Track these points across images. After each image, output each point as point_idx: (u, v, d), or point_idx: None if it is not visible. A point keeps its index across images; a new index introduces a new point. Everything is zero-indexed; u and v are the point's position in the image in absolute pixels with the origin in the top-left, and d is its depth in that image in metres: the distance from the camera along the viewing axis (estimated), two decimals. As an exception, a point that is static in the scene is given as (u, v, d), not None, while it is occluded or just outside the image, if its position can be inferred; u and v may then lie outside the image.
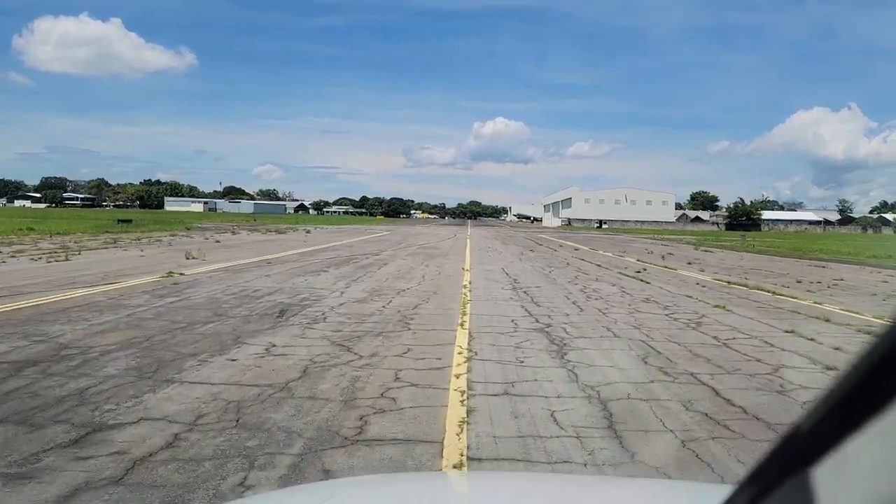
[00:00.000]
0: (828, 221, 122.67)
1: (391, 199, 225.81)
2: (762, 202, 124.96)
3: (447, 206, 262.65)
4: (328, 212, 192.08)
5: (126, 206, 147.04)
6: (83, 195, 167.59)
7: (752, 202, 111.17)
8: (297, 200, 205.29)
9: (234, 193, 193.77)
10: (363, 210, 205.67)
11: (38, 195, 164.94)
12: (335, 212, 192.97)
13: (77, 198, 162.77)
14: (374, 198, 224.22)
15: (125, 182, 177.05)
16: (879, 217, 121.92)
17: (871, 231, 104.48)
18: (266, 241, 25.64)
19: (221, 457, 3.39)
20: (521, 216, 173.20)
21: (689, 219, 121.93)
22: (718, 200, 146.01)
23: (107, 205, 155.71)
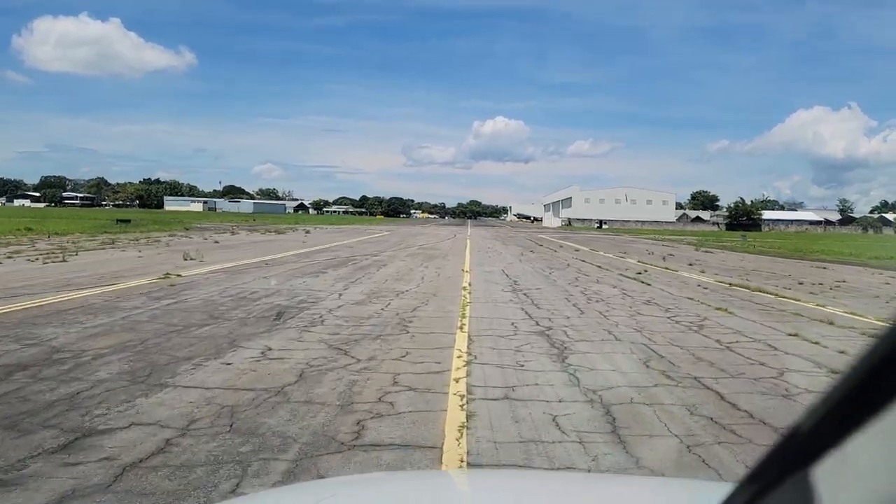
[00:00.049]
0: (828, 221, 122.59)
1: (391, 199, 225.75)
2: (762, 202, 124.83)
3: (447, 206, 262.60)
4: (328, 211, 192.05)
5: (125, 206, 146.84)
6: (82, 194, 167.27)
7: (753, 202, 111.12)
8: (297, 200, 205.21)
9: (234, 193, 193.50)
10: (363, 210, 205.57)
11: (38, 194, 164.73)
12: (335, 211, 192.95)
13: (76, 197, 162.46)
14: (374, 197, 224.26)
15: (125, 181, 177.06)
16: (880, 217, 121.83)
17: (872, 231, 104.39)
18: (265, 242, 25.55)
19: (214, 463, 3.30)
20: (521, 216, 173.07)
21: (690, 219, 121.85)
22: (719, 200, 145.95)
23: (106, 204, 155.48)
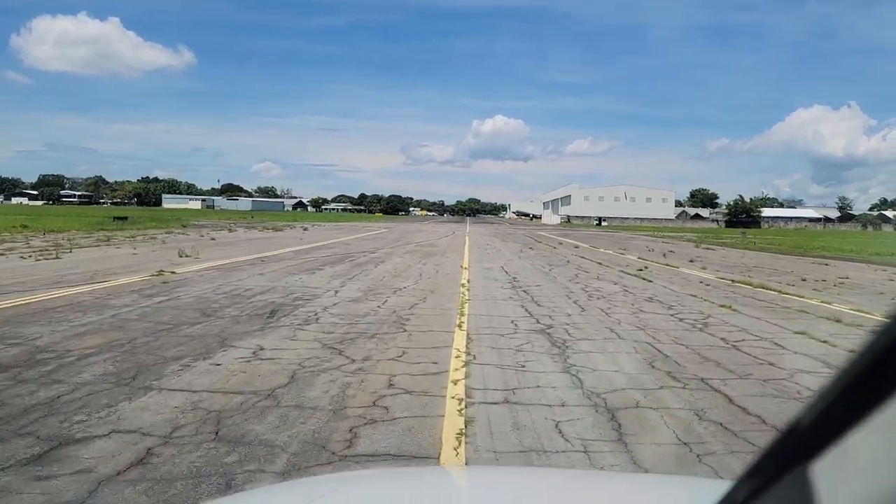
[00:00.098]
0: (828, 219, 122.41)
1: (390, 197, 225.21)
2: (762, 199, 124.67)
3: (446, 204, 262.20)
4: (326, 209, 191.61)
5: (123, 204, 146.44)
6: (80, 192, 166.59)
7: (752, 199, 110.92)
8: (296, 198, 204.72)
9: (233, 191, 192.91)
10: (362, 207, 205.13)
11: (36, 193, 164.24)
12: (333, 209, 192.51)
13: (74, 195, 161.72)
14: (373, 195, 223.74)
15: (123, 180, 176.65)
16: (879, 214, 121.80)
17: (872, 228, 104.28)
18: (262, 239, 25.32)
19: (195, 476, 3.10)
20: (520, 213, 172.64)
21: (689, 216, 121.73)
22: (718, 198, 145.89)
23: (104, 202, 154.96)
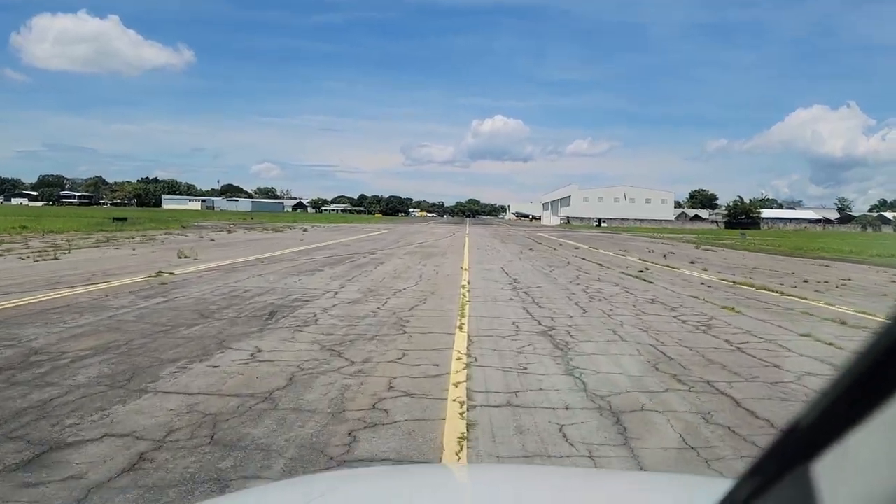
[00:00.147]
0: (827, 220, 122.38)
1: (389, 198, 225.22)
2: (761, 200, 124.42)
3: (446, 205, 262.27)
4: (326, 210, 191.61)
5: (123, 205, 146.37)
6: (80, 193, 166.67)
7: (752, 200, 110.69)
8: (295, 198, 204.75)
9: (232, 191, 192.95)
10: (361, 208, 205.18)
11: (36, 193, 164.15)
12: (333, 210, 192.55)
13: (74, 196, 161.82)
14: (373, 196, 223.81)
15: (123, 180, 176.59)
16: (879, 215, 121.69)
17: (871, 229, 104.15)
18: (262, 240, 25.23)
19: (189, 482, 3.01)
20: (520, 214, 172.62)
21: (689, 217, 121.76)
22: (717, 199, 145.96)
23: (104, 203, 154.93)
